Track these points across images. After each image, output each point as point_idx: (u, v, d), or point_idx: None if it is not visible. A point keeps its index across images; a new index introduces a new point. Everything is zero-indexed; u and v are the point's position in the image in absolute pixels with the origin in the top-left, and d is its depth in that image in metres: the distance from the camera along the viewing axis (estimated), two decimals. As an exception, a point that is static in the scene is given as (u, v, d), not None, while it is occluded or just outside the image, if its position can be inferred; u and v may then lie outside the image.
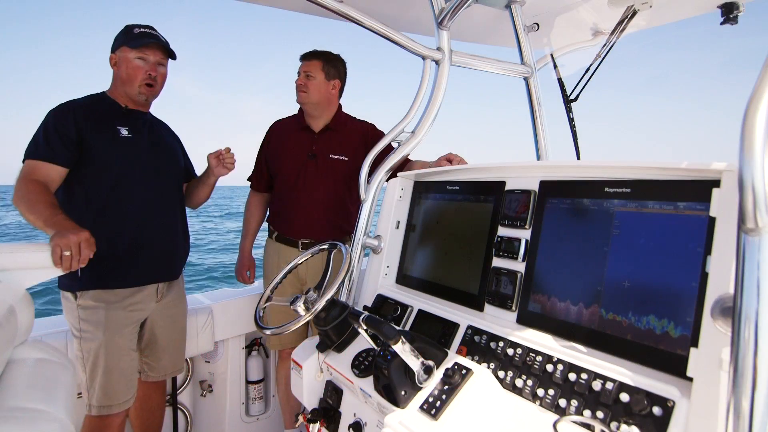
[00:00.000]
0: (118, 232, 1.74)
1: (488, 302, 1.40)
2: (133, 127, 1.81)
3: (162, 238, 1.86)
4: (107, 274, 1.72)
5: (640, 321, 1.03)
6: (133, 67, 1.76)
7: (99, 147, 1.72)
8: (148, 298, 1.83)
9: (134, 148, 1.80)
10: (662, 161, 1.05)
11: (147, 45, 1.76)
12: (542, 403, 1.07)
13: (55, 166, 1.65)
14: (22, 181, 1.60)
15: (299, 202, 2.18)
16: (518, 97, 2.42)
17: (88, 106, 1.76)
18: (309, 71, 2.15)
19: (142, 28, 1.80)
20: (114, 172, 1.74)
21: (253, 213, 2.41)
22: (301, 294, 1.42)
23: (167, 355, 1.97)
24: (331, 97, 2.22)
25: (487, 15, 2.23)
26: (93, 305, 1.70)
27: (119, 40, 1.79)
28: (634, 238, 1.08)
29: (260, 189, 2.38)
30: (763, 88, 0.61)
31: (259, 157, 2.35)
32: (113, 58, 1.81)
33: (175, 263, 1.95)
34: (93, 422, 1.73)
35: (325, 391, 1.57)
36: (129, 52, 1.76)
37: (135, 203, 1.78)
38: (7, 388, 1.12)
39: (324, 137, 2.22)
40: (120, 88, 1.81)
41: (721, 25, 1.98)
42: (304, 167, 2.19)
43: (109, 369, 1.71)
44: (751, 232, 0.65)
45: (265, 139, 2.35)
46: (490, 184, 1.51)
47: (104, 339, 1.69)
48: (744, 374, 0.64)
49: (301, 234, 2.20)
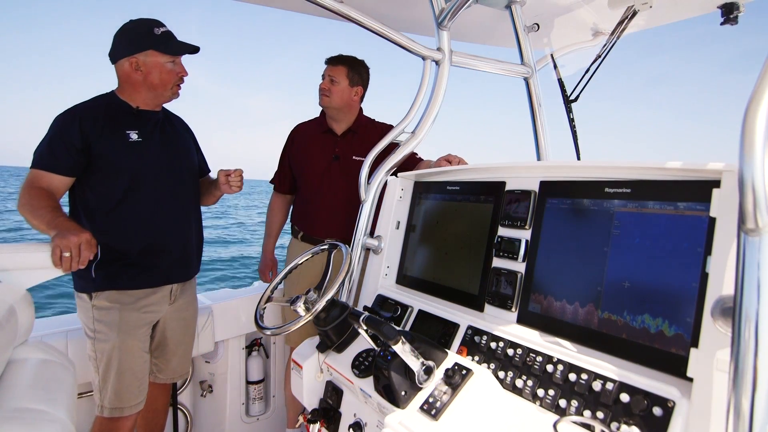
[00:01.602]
0: (132, 234, 1.73)
1: (488, 302, 1.40)
2: (144, 129, 1.78)
3: (176, 239, 1.85)
4: (121, 275, 1.71)
5: (640, 321, 1.03)
6: (166, 71, 1.75)
7: (108, 153, 1.70)
8: (161, 300, 1.82)
9: (145, 152, 1.77)
10: (662, 161, 1.05)
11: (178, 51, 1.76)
12: (542, 403, 1.07)
13: (59, 176, 1.64)
14: (26, 189, 1.60)
15: (323, 203, 2.23)
16: (518, 98, 2.41)
17: (95, 111, 1.72)
18: (334, 76, 2.18)
19: (161, 27, 1.74)
20: (125, 178, 1.72)
21: (276, 214, 2.46)
22: (302, 294, 1.43)
23: (176, 357, 1.96)
24: (353, 103, 2.26)
25: (487, 15, 2.24)
26: (107, 306, 1.69)
27: (142, 42, 1.70)
28: (634, 238, 1.08)
29: (283, 191, 2.43)
30: (763, 88, 0.61)
31: (282, 160, 2.39)
32: (134, 61, 1.71)
33: (190, 264, 1.94)
34: (104, 424, 1.72)
35: (325, 392, 1.57)
36: (159, 56, 1.72)
37: (148, 206, 1.76)
38: (7, 389, 1.12)
39: (346, 139, 2.27)
40: (143, 92, 1.76)
41: (721, 25, 1.98)
42: (328, 169, 2.23)
43: (122, 370, 1.70)
44: (751, 232, 0.65)
45: (288, 141, 2.39)
46: (490, 185, 1.51)
47: (118, 340, 1.69)
48: (744, 374, 0.64)
49: (325, 234, 2.22)
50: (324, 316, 1.40)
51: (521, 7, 2.16)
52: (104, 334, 1.69)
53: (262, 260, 2.47)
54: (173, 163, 1.86)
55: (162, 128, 1.87)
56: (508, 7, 2.16)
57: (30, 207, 1.55)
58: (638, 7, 2.08)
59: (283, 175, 2.39)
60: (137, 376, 1.75)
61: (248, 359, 2.49)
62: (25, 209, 1.56)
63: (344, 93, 2.20)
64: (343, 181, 2.21)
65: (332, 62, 2.22)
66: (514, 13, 2.15)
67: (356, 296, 1.88)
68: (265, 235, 2.49)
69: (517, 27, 2.16)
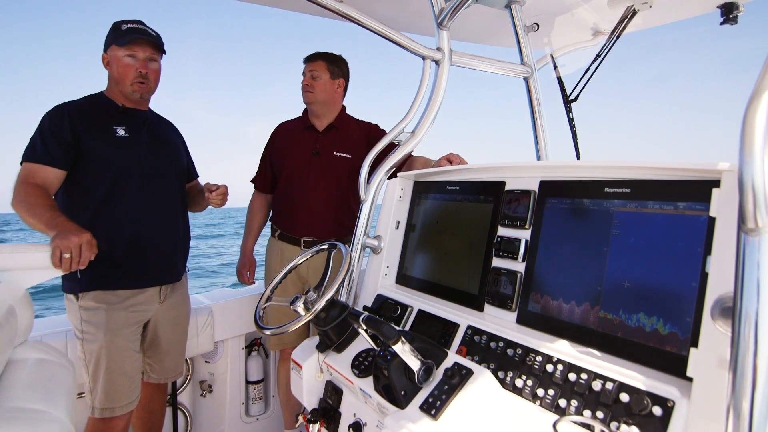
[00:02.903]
0: (117, 232, 1.73)
1: (488, 302, 1.40)
2: (131, 126, 1.79)
3: (162, 239, 1.84)
4: (107, 275, 1.71)
5: (640, 321, 1.03)
6: (123, 65, 1.73)
7: (95, 148, 1.70)
8: (150, 299, 1.82)
9: (132, 148, 1.78)
10: (662, 161, 1.05)
11: (134, 41, 1.72)
12: (542, 403, 1.07)
13: (53, 169, 1.64)
14: (20, 185, 1.59)
15: (303, 200, 2.20)
16: (518, 98, 2.41)
17: (83, 107, 1.74)
18: (314, 71, 2.19)
19: (129, 24, 1.76)
20: (111, 173, 1.72)
21: (256, 213, 2.43)
22: (302, 294, 1.42)
23: (170, 357, 1.96)
24: (336, 96, 2.26)
25: (487, 15, 2.24)
26: (94, 306, 1.69)
27: (109, 38, 1.76)
28: (634, 238, 1.08)
29: (264, 190, 2.40)
30: (763, 88, 0.61)
31: (264, 158, 2.37)
32: (105, 57, 1.78)
33: (176, 265, 1.93)
34: (96, 424, 1.72)
35: (325, 392, 1.57)
36: (118, 50, 1.73)
37: (133, 203, 1.76)
38: (7, 389, 1.12)
39: (328, 135, 2.25)
40: (115, 88, 1.80)
41: (720, 25, 1.98)
42: (308, 164, 2.21)
43: (111, 370, 1.70)
44: (751, 232, 0.64)
45: (270, 140, 2.37)
46: (490, 184, 1.51)
47: (105, 340, 1.68)
48: (744, 374, 0.64)
49: (303, 232, 2.21)
50: (324, 315, 1.40)
51: (521, 7, 2.16)
52: (92, 335, 1.68)
53: (240, 260, 2.42)
54: (160, 161, 1.86)
55: (150, 127, 1.87)
56: (507, 7, 2.16)
57: (27, 205, 1.54)
58: (638, 7, 2.08)
59: (263, 174, 2.37)
60: (128, 376, 1.74)
61: (248, 359, 2.49)
62: (21, 207, 1.55)
63: (326, 86, 2.20)
64: (323, 177, 2.20)
65: (310, 59, 2.23)
66: (513, 12, 2.15)
67: (356, 296, 1.88)
68: (244, 235, 2.45)
69: (516, 27, 2.16)
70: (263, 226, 2.47)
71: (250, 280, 2.43)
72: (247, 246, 2.42)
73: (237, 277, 2.44)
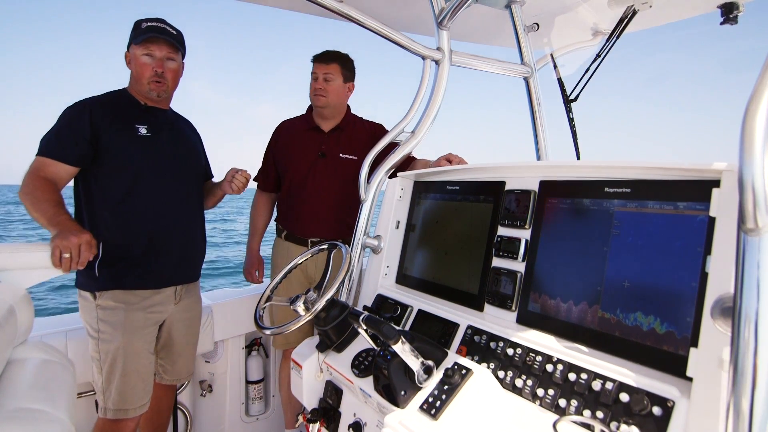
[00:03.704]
0: (136, 231, 1.72)
1: (488, 302, 1.40)
2: (153, 125, 1.78)
3: (180, 239, 1.83)
4: (127, 274, 1.69)
5: (640, 321, 1.03)
6: (140, 64, 1.73)
7: (116, 145, 1.69)
8: (167, 300, 1.81)
9: (153, 147, 1.77)
10: (662, 161, 1.05)
11: (150, 40, 1.72)
12: (542, 403, 1.07)
13: (64, 165, 1.63)
14: (29, 177, 1.59)
15: (309, 201, 2.18)
16: (518, 98, 2.42)
17: (106, 103, 1.73)
18: (328, 74, 2.11)
19: (149, 22, 1.75)
20: (131, 171, 1.71)
21: (261, 213, 2.41)
22: (302, 294, 1.42)
23: (182, 358, 1.94)
24: (346, 100, 2.23)
25: (487, 15, 2.23)
26: (113, 306, 1.67)
27: (130, 36, 1.76)
28: (634, 238, 1.08)
29: (267, 188, 2.38)
30: (763, 88, 0.61)
31: (267, 157, 2.34)
32: (127, 55, 1.78)
33: (194, 265, 1.93)
34: (107, 425, 1.70)
35: (325, 391, 1.57)
36: (136, 48, 1.73)
37: (153, 203, 1.75)
38: (7, 389, 1.12)
39: (333, 137, 2.22)
40: (136, 86, 1.79)
41: (720, 25, 1.98)
42: (313, 166, 2.18)
43: (127, 372, 1.68)
44: (751, 232, 0.65)
45: (273, 138, 2.34)
46: (490, 184, 1.51)
47: (123, 341, 1.66)
48: (744, 374, 0.64)
49: (310, 233, 2.20)
50: (324, 315, 1.40)
51: (521, 7, 2.16)
52: (109, 335, 1.66)
53: (247, 259, 2.40)
54: (180, 162, 1.86)
55: (171, 127, 1.87)
56: (507, 7, 2.16)
57: (33, 198, 1.54)
58: (638, 7, 2.08)
59: (267, 173, 2.34)
60: (142, 378, 1.73)
61: (248, 359, 2.49)
62: (27, 198, 1.55)
63: (340, 91, 2.15)
64: (328, 179, 2.18)
65: (323, 60, 2.13)
66: (513, 12, 2.15)
67: (356, 296, 1.88)
68: (249, 234, 2.43)
69: (516, 27, 2.15)
70: (268, 225, 2.47)
71: (259, 279, 2.42)
72: (254, 245, 2.42)
73: (245, 276, 2.42)
